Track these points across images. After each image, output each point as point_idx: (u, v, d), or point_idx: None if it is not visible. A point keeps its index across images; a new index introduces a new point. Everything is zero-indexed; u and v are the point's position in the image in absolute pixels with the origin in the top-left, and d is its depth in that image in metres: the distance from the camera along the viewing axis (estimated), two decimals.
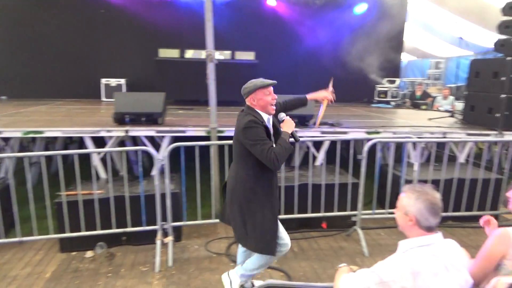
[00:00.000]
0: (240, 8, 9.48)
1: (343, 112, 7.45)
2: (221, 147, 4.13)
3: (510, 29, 5.32)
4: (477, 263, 2.10)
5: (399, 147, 5.25)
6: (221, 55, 8.54)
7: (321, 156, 5.03)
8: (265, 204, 2.68)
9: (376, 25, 9.08)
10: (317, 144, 5.13)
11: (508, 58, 5.21)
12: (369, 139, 4.23)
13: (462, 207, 4.47)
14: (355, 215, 4.25)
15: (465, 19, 10.53)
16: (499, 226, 2.17)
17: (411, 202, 1.85)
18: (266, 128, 2.64)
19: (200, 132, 4.85)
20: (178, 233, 4.14)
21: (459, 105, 7.83)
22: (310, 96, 3.07)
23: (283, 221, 4.20)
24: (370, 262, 3.79)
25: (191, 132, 4.86)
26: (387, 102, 9.27)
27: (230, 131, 4.91)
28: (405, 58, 15.20)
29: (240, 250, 3.09)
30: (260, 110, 2.68)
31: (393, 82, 9.65)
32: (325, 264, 3.76)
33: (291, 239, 2.94)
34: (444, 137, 5.13)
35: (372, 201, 4.43)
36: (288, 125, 2.72)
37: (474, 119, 5.79)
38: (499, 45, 5.48)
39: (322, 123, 5.27)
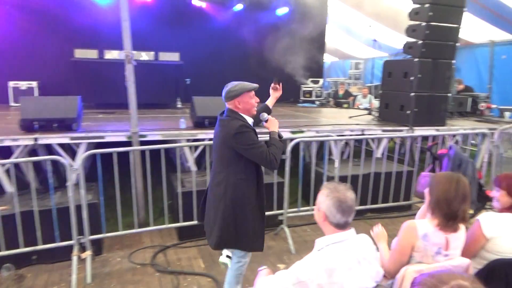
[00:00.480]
0: (164, 8, 9.21)
1: None
2: (143, 153, 3.95)
3: (416, 33, 5.79)
4: (392, 258, 2.21)
5: (322, 144, 5.46)
6: (145, 56, 8.22)
7: None
8: (255, 205, 2.70)
9: (298, 27, 9.37)
10: None
11: (416, 60, 5.67)
12: (293, 139, 4.33)
13: (379, 199, 4.76)
14: (281, 214, 4.32)
15: (379, 23, 11.33)
16: (410, 216, 2.31)
17: (322, 199, 1.92)
18: (254, 131, 2.64)
19: (120, 137, 4.59)
20: (98, 246, 3.87)
21: (376, 103, 8.38)
22: (269, 102, 3.09)
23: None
24: (297, 259, 3.80)
25: (110, 137, 4.58)
26: (312, 102, 9.63)
27: (153, 135, 4.72)
28: (327, 59, 15.96)
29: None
30: (243, 113, 2.64)
31: (317, 82, 10.05)
32: (254, 266, 3.72)
33: None
34: (363, 134, 5.44)
35: (298, 199, 4.54)
36: (273, 124, 2.76)
37: (388, 116, 6.22)
38: (408, 47, 5.94)
39: None
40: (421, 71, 5.62)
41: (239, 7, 9.92)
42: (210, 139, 4.84)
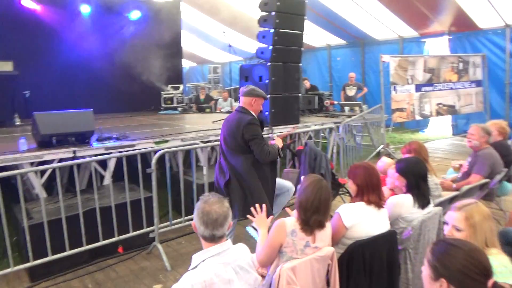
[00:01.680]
0: None
1: (129, 123, 7.12)
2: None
3: (266, 39, 6.16)
4: (264, 251, 2.30)
5: (188, 152, 5.36)
6: None
7: (108, 175, 4.61)
8: (264, 179, 3.42)
9: (152, 32, 9.07)
10: (104, 161, 4.68)
11: (268, 64, 6.03)
12: (157, 150, 4.10)
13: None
14: (153, 231, 4.06)
15: (233, 29, 11.80)
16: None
17: (195, 212, 1.90)
18: (260, 126, 3.43)
19: None
20: None
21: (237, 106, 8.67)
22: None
23: (70, 257, 3.66)
24: (174, 275, 3.70)
25: None
26: (174, 108, 9.43)
27: None
28: (186, 64, 15.94)
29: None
30: (253, 111, 3.41)
31: (177, 88, 9.89)
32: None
33: (83, 275, 2.54)
34: None
35: (168, 212, 4.35)
36: (278, 142, 3.61)
37: None
38: (260, 52, 6.28)
39: (105, 138, 4.85)
40: (274, 74, 6.01)
41: (85, 9, 9.01)
42: (62, 160, 4.27)
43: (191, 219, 1.97)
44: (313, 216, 2.22)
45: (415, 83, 8.62)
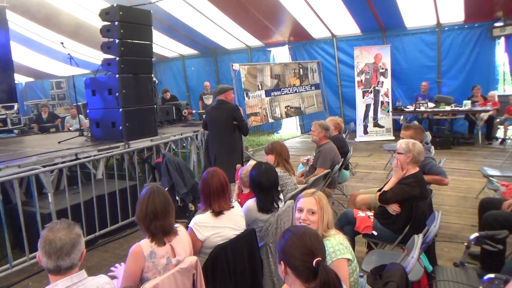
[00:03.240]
0: None
1: None
2: None
3: (112, 50, 5.80)
4: (122, 285, 2.11)
5: (28, 180, 4.66)
6: None
7: None
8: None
9: None
10: None
11: (117, 76, 5.69)
12: None
13: (108, 221, 4.53)
14: None
15: (74, 40, 10.81)
16: None
17: (38, 242, 1.70)
18: None
19: None
20: None
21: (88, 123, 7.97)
22: None
23: None
24: None
25: None
26: (9, 131, 8.12)
27: None
28: (21, 79, 13.98)
29: None
30: (230, 101, 4.84)
31: (11, 107, 8.54)
32: None
33: None
34: (77, 158, 5.00)
35: (7, 253, 3.70)
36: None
37: (102, 134, 6.01)
38: (106, 64, 5.88)
39: None
40: (124, 86, 5.70)
41: None
42: None
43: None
44: (152, 223, 2.12)
45: (265, 89, 9.31)
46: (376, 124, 9.76)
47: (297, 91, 10.34)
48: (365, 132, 9.81)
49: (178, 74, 13.52)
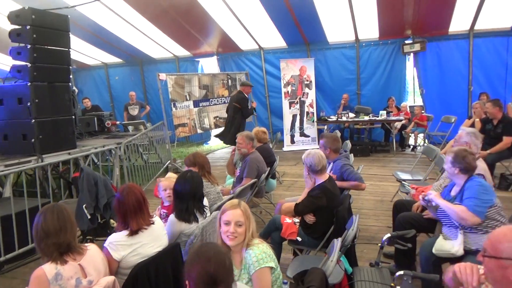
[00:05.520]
0: None
1: None
2: None
3: (22, 55, 5.33)
4: None
5: None
6: None
7: None
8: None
9: None
10: None
11: (29, 84, 5.23)
12: None
13: (16, 245, 4.08)
14: None
15: None
16: None
17: None
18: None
19: None
20: None
21: None
22: None
23: None
24: None
25: None
26: None
27: None
28: None
29: None
30: (246, 93, 7.38)
31: None
32: None
33: None
34: None
35: None
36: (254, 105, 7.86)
37: (11, 148, 5.46)
38: (16, 71, 5.38)
39: None
40: (38, 95, 5.25)
41: None
42: None
43: None
44: (43, 242, 1.98)
45: (193, 99, 9.22)
46: (302, 134, 10.15)
47: (226, 101, 10.39)
48: (292, 141, 10.14)
49: (101, 84, 12.86)
